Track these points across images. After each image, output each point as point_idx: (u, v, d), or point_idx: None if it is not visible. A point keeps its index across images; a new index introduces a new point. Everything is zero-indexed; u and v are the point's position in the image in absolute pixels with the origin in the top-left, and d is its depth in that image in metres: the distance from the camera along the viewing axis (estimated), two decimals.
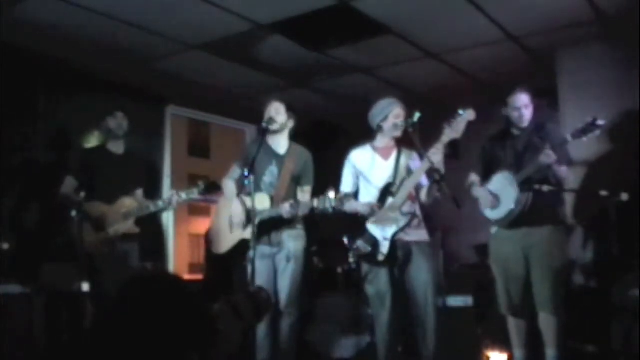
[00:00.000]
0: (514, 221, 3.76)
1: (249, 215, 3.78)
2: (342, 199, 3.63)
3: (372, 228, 3.75)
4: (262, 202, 3.84)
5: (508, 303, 3.86)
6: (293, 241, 3.93)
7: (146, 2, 4.48)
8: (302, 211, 3.77)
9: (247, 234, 3.79)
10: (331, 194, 3.61)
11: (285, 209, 3.73)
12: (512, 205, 3.72)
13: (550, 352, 3.71)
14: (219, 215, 4.15)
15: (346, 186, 3.94)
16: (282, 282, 3.88)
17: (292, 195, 3.95)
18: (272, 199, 3.89)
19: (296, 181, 3.99)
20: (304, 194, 4.00)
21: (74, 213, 3.97)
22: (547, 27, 5.05)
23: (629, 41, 4.88)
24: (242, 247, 3.89)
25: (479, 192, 3.94)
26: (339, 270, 5.38)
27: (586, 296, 4.56)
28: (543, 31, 5.13)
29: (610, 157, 4.92)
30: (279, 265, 3.91)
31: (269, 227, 3.85)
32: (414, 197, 3.79)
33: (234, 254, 3.97)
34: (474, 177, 4.02)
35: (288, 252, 3.89)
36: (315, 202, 3.65)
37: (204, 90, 6.36)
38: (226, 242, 4.01)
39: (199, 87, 6.26)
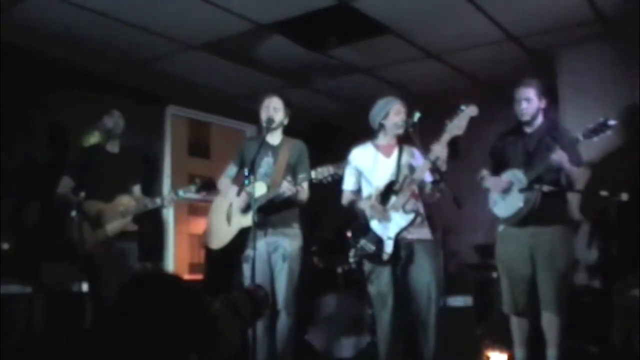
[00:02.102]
0: (521, 220, 3.71)
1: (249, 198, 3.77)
2: (341, 166, 3.61)
3: (376, 227, 3.71)
4: (259, 190, 3.81)
5: (512, 302, 3.82)
6: (289, 240, 3.89)
7: (146, 2, 4.48)
8: (301, 182, 3.74)
9: (246, 221, 3.80)
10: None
11: (284, 185, 3.70)
12: (520, 204, 3.67)
13: (552, 352, 3.68)
14: (215, 212, 4.14)
15: (348, 185, 3.92)
16: (279, 282, 3.84)
17: None
18: (268, 188, 3.86)
19: (292, 170, 3.96)
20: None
21: (73, 213, 3.98)
22: (547, 27, 5.05)
23: (629, 41, 4.88)
24: (241, 241, 3.88)
25: (489, 181, 3.87)
26: (339, 270, 5.38)
27: (587, 296, 4.55)
28: (543, 31, 5.13)
29: (610, 157, 4.91)
30: (275, 265, 3.87)
31: (265, 225, 3.83)
32: (417, 195, 3.75)
33: (233, 252, 3.96)
34: (484, 172, 3.95)
35: (284, 252, 3.86)
36: (314, 173, 3.62)
37: (204, 90, 6.36)
38: (223, 237, 3.98)
39: (199, 87, 6.26)
